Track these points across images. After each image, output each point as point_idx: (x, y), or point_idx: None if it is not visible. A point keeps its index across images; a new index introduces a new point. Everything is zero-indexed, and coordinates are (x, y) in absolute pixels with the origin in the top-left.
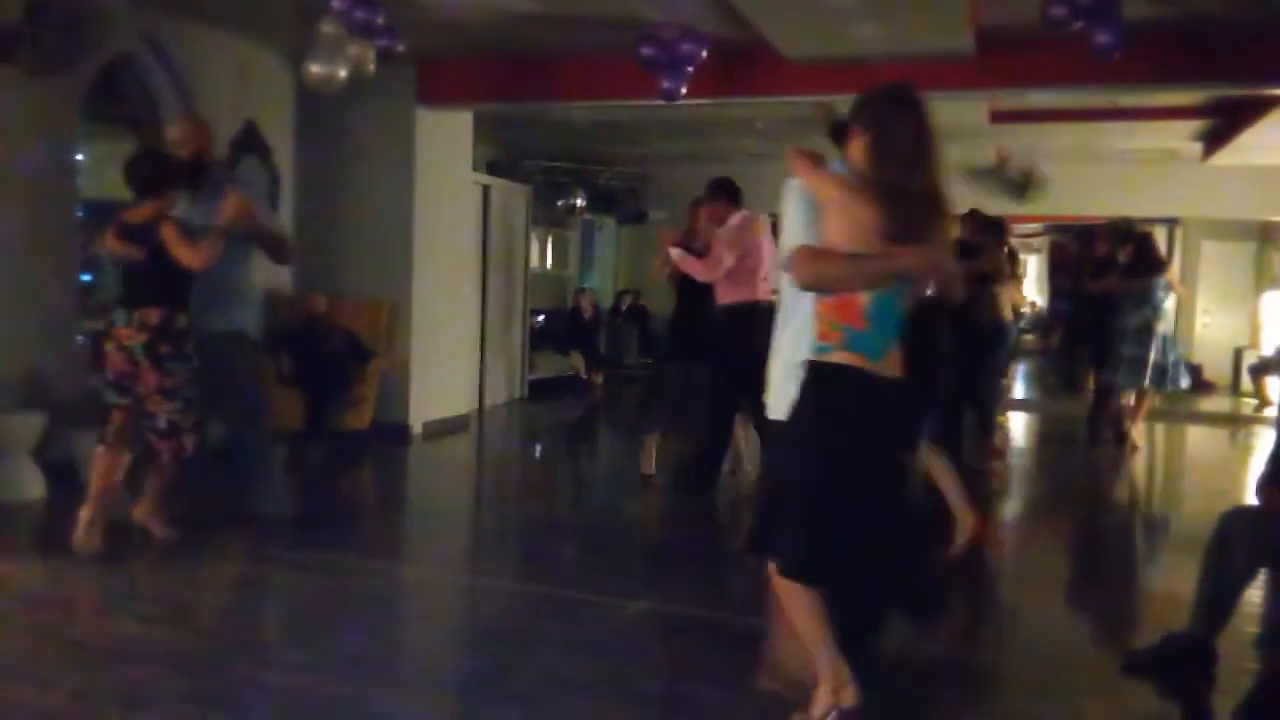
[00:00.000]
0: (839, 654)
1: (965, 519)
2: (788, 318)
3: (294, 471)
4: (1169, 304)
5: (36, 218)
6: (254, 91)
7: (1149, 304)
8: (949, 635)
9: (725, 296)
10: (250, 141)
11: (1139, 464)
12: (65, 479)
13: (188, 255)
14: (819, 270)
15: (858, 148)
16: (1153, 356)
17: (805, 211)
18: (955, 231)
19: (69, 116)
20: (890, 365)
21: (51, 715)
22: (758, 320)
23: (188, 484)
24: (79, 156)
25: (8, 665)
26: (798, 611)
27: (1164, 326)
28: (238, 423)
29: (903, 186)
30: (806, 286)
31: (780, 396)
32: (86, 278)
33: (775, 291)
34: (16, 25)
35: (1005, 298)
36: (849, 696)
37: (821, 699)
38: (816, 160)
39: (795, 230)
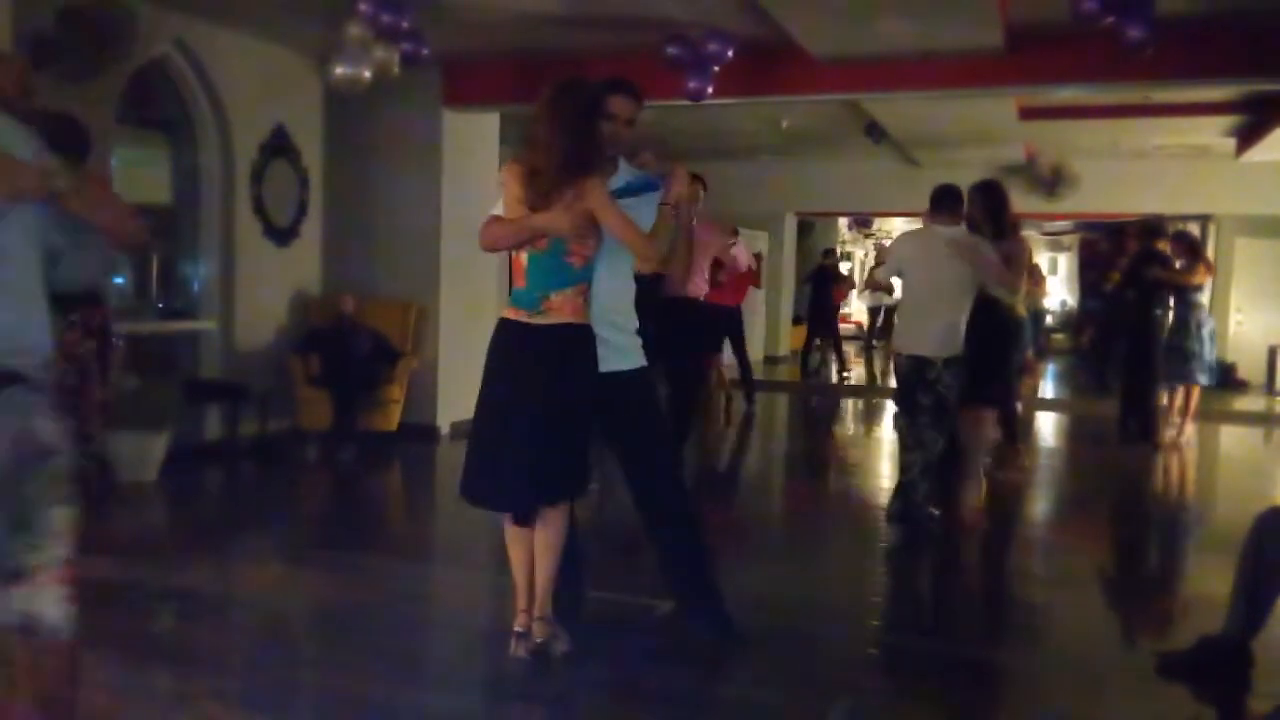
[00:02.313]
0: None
1: (970, 489)
2: None
3: (323, 471)
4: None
5: None
6: (283, 95)
7: (1199, 302)
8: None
9: (674, 290)
10: (279, 145)
11: (1172, 464)
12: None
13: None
14: (485, 232)
15: None
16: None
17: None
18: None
19: (104, 121)
20: (550, 315)
21: (89, 713)
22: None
23: (214, 488)
24: (113, 161)
25: None
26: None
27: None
28: None
29: (534, 165)
30: (482, 246)
31: None
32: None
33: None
34: (49, 32)
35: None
36: (522, 621)
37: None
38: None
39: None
